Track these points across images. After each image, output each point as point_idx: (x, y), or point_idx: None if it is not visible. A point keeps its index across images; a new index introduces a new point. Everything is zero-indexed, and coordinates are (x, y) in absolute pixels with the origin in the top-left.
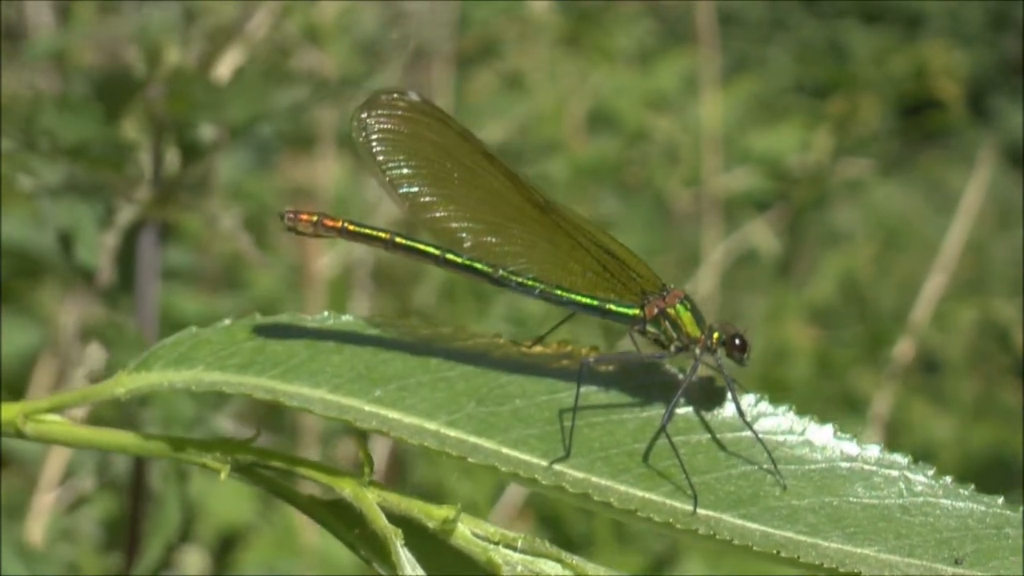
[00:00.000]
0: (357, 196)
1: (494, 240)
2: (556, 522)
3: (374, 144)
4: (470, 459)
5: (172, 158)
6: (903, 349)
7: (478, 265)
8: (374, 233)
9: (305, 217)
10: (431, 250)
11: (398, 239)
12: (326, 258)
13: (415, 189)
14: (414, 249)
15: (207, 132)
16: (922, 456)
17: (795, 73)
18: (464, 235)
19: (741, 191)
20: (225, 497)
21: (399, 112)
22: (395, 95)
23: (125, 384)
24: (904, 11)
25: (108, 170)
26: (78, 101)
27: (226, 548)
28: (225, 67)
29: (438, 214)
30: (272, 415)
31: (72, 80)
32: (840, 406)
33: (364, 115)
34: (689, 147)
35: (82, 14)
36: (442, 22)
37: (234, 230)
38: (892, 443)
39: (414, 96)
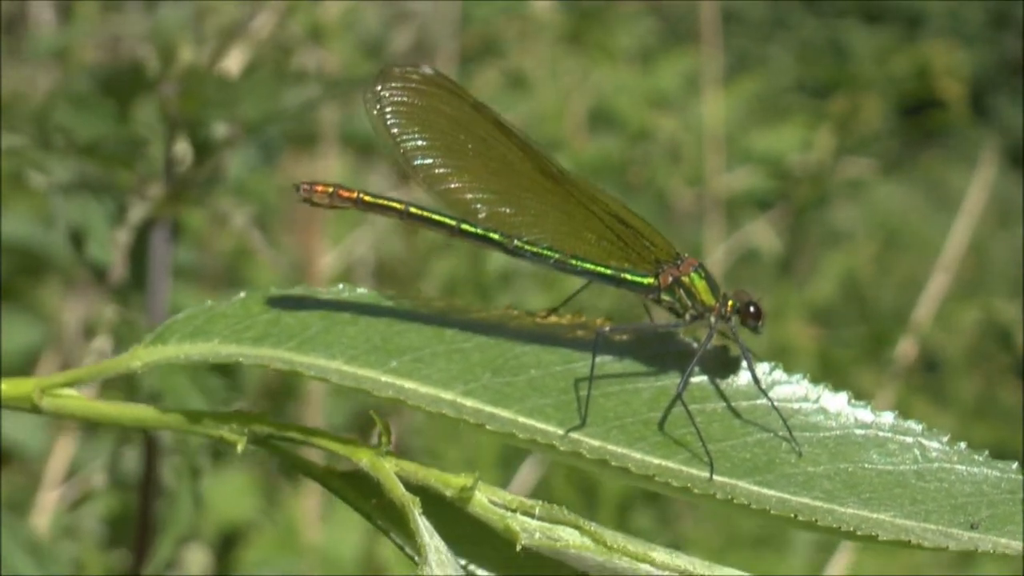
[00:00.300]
0: None
1: (508, 210)
2: (568, 498)
3: (388, 117)
4: (488, 427)
5: (185, 155)
6: (905, 349)
7: (493, 235)
8: (389, 204)
9: (321, 188)
10: (446, 220)
11: (412, 209)
12: (329, 256)
13: (428, 161)
14: (429, 219)
15: (220, 130)
16: None
17: (796, 72)
18: (478, 206)
19: (743, 190)
20: (227, 495)
21: (412, 85)
22: (408, 68)
23: (141, 357)
24: (905, 10)
25: (121, 167)
26: (92, 98)
27: (228, 546)
28: (231, 66)
29: (452, 185)
30: (274, 404)
31: (76, 77)
32: None
33: (378, 88)
34: (691, 146)
35: (84, 11)
36: (444, 20)
37: (246, 227)
38: None
39: (427, 69)
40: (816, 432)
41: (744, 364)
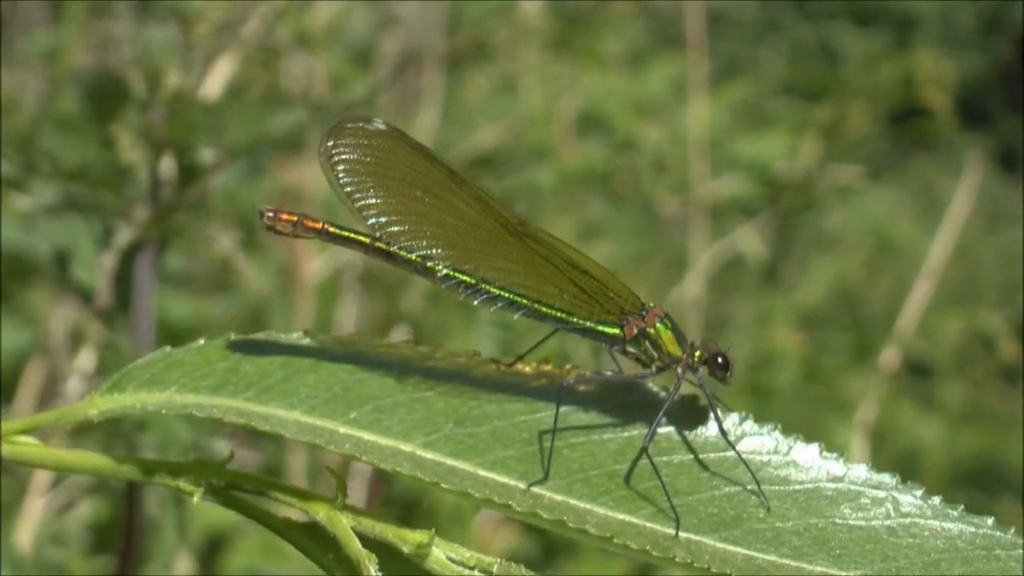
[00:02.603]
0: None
1: (469, 266)
2: (541, 529)
3: (341, 175)
4: (443, 485)
5: (170, 179)
6: (889, 355)
7: (464, 277)
8: (355, 237)
9: (285, 217)
10: (413, 258)
11: (379, 244)
12: (317, 262)
13: (384, 219)
14: (396, 256)
15: (206, 154)
16: (909, 460)
17: (785, 76)
18: (439, 263)
19: (729, 197)
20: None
21: (365, 140)
22: (360, 123)
23: (98, 406)
24: (896, 13)
25: (107, 191)
26: (77, 121)
27: (213, 550)
28: (218, 77)
29: (411, 242)
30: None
31: (63, 88)
32: (826, 411)
33: (330, 144)
34: (677, 153)
35: (74, 13)
36: (433, 25)
37: (231, 251)
38: (879, 448)
39: (380, 124)
40: (786, 486)
41: (712, 415)
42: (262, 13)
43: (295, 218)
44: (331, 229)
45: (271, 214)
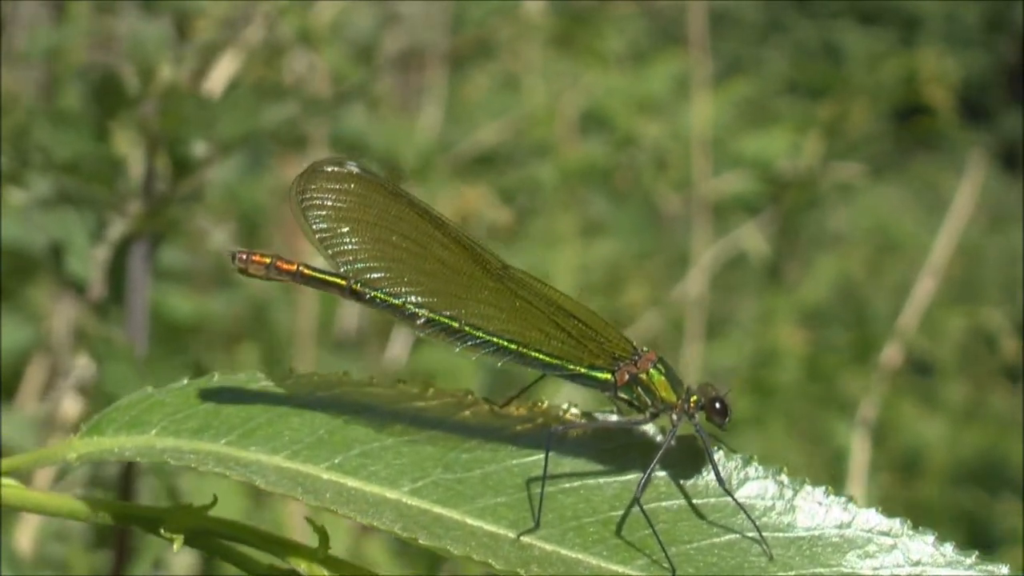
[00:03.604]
0: None
1: (451, 312)
2: None
3: (313, 221)
4: (422, 541)
5: (164, 173)
6: (891, 353)
7: (449, 321)
8: (331, 279)
9: (257, 259)
10: (393, 302)
11: (356, 286)
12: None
13: (359, 265)
14: (374, 300)
15: (199, 148)
16: (911, 459)
17: (788, 75)
18: (419, 311)
19: (731, 194)
20: (212, 496)
21: (339, 185)
22: (334, 167)
23: (77, 449)
24: (900, 13)
25: (100, 184)
26: (72, 115)
27: None
28: (219, 75)
29: (388, 289)
30: None
31: (65, 81)
32: (828, 409)
33: (301, 189)
34: (680, 150)
35: (78, 13)
36: (435, 24)
37: (225, 244)
38: (880, 447)
39: (354, 167)
40: (789, 532)
41: (713, 460)
42: (264, 11)
43: (268, 260)
44: (306, 271)
45: (243, 256)
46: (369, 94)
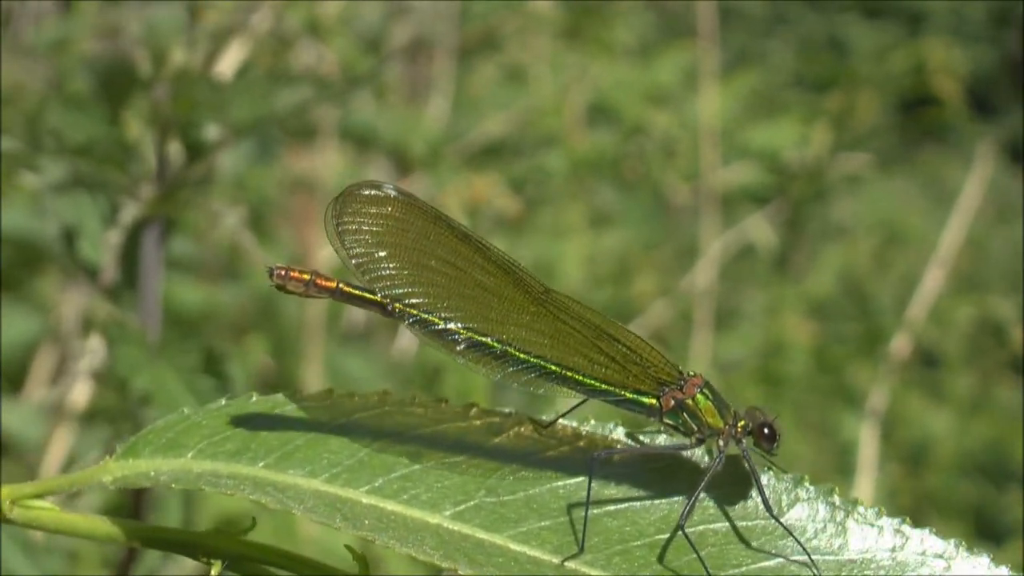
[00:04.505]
0: None
1: (491, 337)
2: None
3: (350, 245)
4: (461, 572)
5: (176, 156)
6: (899, 344)
7: (489, 341)
8: (371, 297)
9: (296, 275)
10: (435, 320)
11: (397, 305)
12: (327, 249)
13: (398, 291)
14: (417, 319)
15: (212, 131)
16: (919, 450)
17: (795, 68)
18: (457, 337)
19: (739, 185)
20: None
21: (375, 208)
22: (371, 191)
23: (112, 472)
24: (906, 8)
25: (113, 168)
26: (84, 100)
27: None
28: (228, 62)
29: (425, 316)
30: None
31: (74, 71)
32: (837, 400)
33: (338, 213)
34: (688, 141)
35: (85, 7)
36: (444, 15)
37: (237, 228)
38: (888, 438)
39: (391, 190)
40: (840, 555)
41: (760, 485)
42: (271, 2)
43: (307, 277)
44: (345, 289)
45: (282, 272)
46: (379, 80)
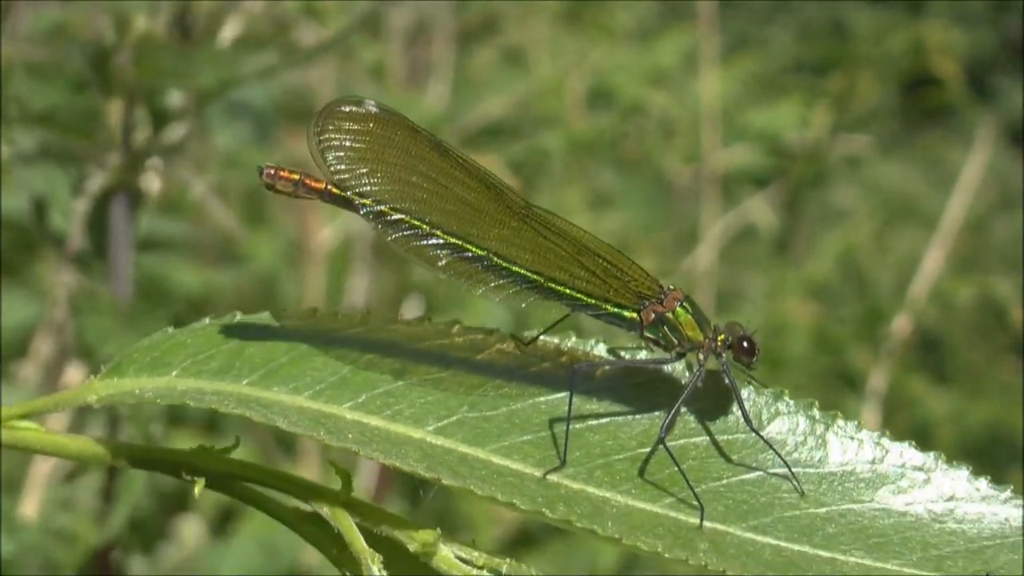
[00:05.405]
0: None
1: (469, 254)
2: None
3: (332, 161)
4: (445, 481)
5: (142, 124)
6: (900, 325)
7: (472, 248)
8: (356, 200)
9: (285, 175)
10: (419, 224)
11: (382, 207)
12: (325, 231)
13: (380, 208)
14: (400, 222)
15: (175, 98)
16: (920, 431)
17: (795, 52)
18: (439, 251)
19: (740, 167)
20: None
21: (356, 125)
22: (351, 107)
23: (97, 391)
24: None
25: (79, 137)
26: (48, 68)
27: (225, 519)
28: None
29: (406, 232)
30: None
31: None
32: (837, 382)
33: (319, 129)
34: (688, 123)
35: None
36: None
37: (206, 197)
38: (889, 421)
39: (372, 106)
40: (820, 468)
41: (740, 399)
42: None
43: (296, 176)
44: (334, 191)
45: (272, 171)
46: (347, 44)
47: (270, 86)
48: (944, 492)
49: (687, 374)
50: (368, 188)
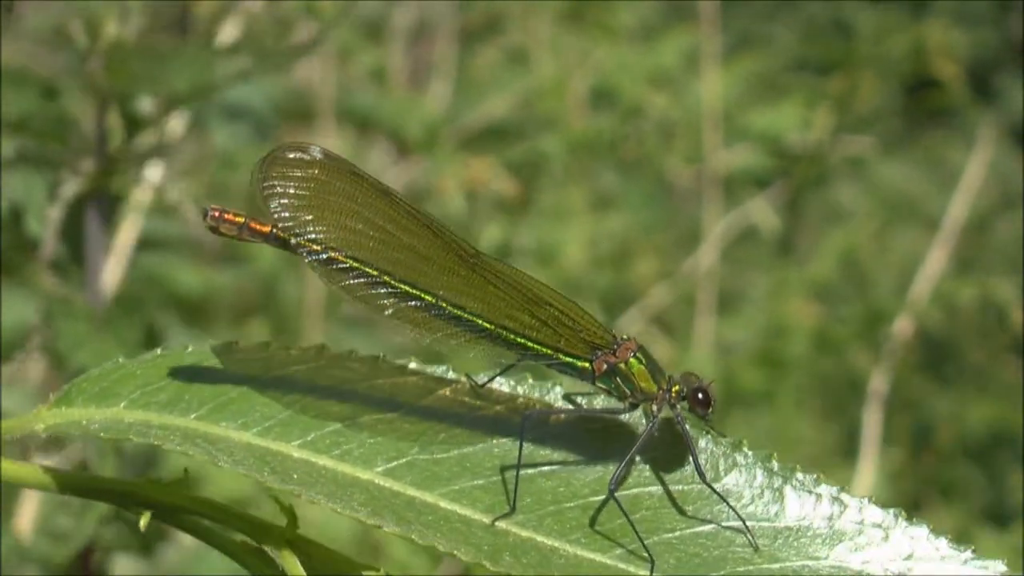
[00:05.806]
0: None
1: (415, 304)
2: None
3: (276, 208)
4: (386, 528)
5: (115, 129)
6: (901, 326)
7: (425, 296)
8: (306, 244)
9: (230, 218)
10: (369, 271)
11: (333, 254)
12: None
13: (324, 256)
14: (351, 269)
15: (146, 104)
16: (922, 432)
17: (798, 51)
18: (387, 300)
19: (742, 168)
20: (224, 468)
21: (301, 171)
22: (296, 153)
23: (44, 420)
24: None
25: (52, 142)
26: (19, 73)
27: None
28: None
29: (353, 281)
30: None
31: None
32: (839, 383)
33: (262, 175)
34: (690, 124)
35: None
36: None
37: (181, 202)
38: (891, 422)
39: (316, 152)
40: (776, 522)
41: (693, 451)
42: None
43: (241, 220)
44: (280, 234)
45: (216, 213)
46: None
47: (270, 86)
48: (902, 551)
49: (644, 423)
50: (313, 235)
